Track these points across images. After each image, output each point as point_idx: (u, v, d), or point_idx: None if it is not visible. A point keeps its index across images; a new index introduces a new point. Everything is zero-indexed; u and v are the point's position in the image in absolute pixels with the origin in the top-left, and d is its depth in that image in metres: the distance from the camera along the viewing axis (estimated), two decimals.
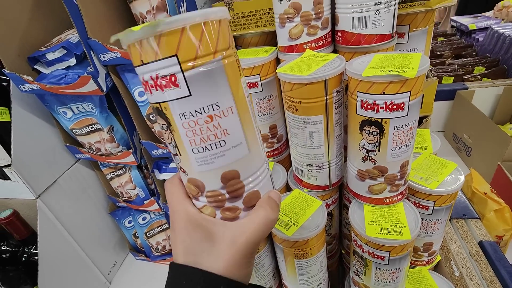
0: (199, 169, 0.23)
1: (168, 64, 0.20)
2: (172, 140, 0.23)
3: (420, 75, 0.31)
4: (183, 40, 0.19)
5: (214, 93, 0.21)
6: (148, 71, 0.21)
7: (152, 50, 0.20)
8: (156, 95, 0.21)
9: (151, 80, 0.21)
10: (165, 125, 0.22)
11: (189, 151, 0.22)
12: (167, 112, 0.21)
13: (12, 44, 0.53)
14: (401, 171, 0.38)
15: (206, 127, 0.22)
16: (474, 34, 1.24)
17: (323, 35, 0.42)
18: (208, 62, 0.21)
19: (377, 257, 0.39)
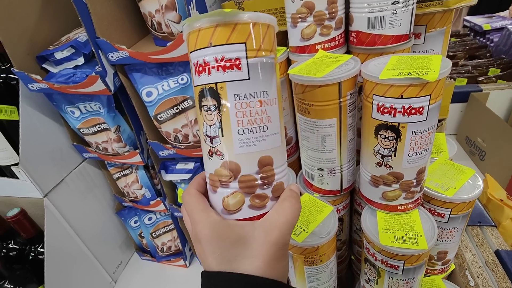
0: (239, 151, 0.24)
1: (236, 49, 0.23)
2: (217, 121, 0.24)
3: (441, 78, 0.30)
4: (253, 32, 0.23)
5: (266, 82, 0.25)
6: (213, 53, 0.23)
7: (226, 34, 0.23)
8: (215, 75, 0.23)
9: (214, 61, 0.23)
10: (214, 105, 0.24)
11: (234, 131, 0.24)
12: (222, 92, 0.24)
13: (22, 43, 0.52)
14: (418, 178, 0.36)
15: (255, 110, 0.24)
16: (489, 35, 1.20)
17: (337, 36, 0.41)
18: (266, 56, 0.24)
19: (391, 266, 0.38)
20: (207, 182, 0.27)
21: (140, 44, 0.55)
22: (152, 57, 0.47)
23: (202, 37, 0.23)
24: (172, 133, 0.55)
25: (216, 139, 0.25)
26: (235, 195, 0.25)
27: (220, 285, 0.22)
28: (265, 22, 0.24)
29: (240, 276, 0.22)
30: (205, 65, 0.24)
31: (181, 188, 0.67)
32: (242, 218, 0.25)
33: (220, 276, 0.22)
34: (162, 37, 0.51)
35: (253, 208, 0.25)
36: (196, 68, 0.24)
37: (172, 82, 0.51)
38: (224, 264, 0.23)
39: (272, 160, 0.25)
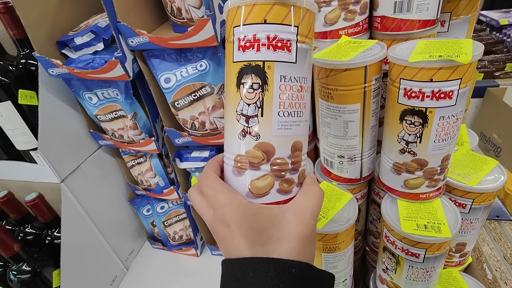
0: (277, 133, 0.24)
1: (289, 30, 0.23)
2: (258, 100, 0.24)
3: (474, 61, 0.29)
4: (305, 18, 0.24)
5: (308, 69, 0.26)
6: (266, 30, 0.23)
7: (282, 14, 0.23)
8: (265, 53, 0.23)
9: (266, 38, 0.23)
10: (257, 84, 0.24)
11: (274, 113, 0.24)
12: (269, 71, 0.23)
13: (42, 28, 0.53)
14: (442, 165, 0.36)
15: (296, 95, 0.25)
16: (505, 30, 1.18)
17: (361, 21, 0.40)
18: (310, 44, 0.25)
19: (412, 254, 0.37)
20: (230, 164, 0.26)
21: (158, 31, 0.55)
22: (172, 42, 0.47)
23: (256, 13, 0.23)
24: (189, 120, 0.56)
25: (253, 118, 0.24)
26: (265, 178, 0.25)
27: (254, 271, 0.21)
28: (314, 11, 0.25)
29: (273, 261, 0.22)
30: (254, 41, 0.23)
31: (195, 176, 0.67)
32: (269, 202, 0.25)
33: (253, 262, 0.22)
34: (181, 23, 0.51)
35: (280, 193, 0.25)
36: (241, 43, 0.24)
37: (191, 69, 0.51)
38: (257, 247, 0.22)
39: (301, 146, 0.26)
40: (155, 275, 0.79)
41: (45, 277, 0.61)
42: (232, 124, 0.25)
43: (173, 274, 0.79)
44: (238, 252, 0.22)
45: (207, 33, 0.44)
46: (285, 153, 0.25)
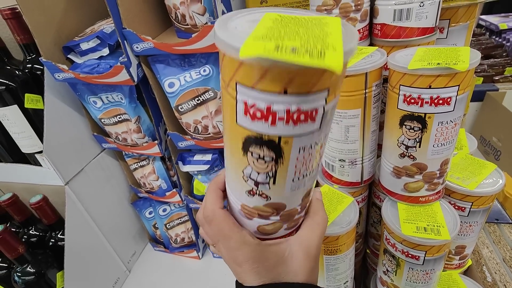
0: (288, 194, 0.23)
1: (318, 98, 0.17)
2: (271, 171, 0.21)
3: (471, 68, 0.30)
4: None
5: (330, 124, 0.21)
6: (286, 103, 0.17)
7: (311, 80, 0.16)
8: (282, 128, 0.18)
9: (284, 112, 0.17)
10: (270, 157, 0.20)
11: (288, 180, 0.22)
12: (286, 145, 0.19)
13: (49, 33, 0.54)
14: (441, 169, 0.37)
15: (314, 156, 0.21)
16: (505, 34, 1.19)
17: (361, 28, 0.41)
18: (337, 97, 0.19)
19: (412, 256, 0.38)
20: (236, 205, 0.25)
21: (162, 37, 0.56)
22: (176, 48, 0.48)
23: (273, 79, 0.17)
24: (192, 124, 0.56)
25: (264, 185, 0.22)
26: (274, 224, 0.25)
27: None
28: None
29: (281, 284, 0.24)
30: (268, 113, 0.18)
31: (198, 180, 0.68)
32: (276, 237, 0.26)
33: None
34: (185, 30, 0.52)
35: (288, 229, 0.26)
36: (249, 109, 0.18)
37: (194, 74, 0.52)
38: (267, 281, 0.24)
39: (311, 190, 0.25)
40: (157, 277, 0.80)
41: (49, 279, 0.62)
42: (238, 180, 0.23)
43: (175, 276, 0.79)
44: (250, 283, 0.25)
45: (211, 39, 0.45)
46: (296, 204, 0.24)
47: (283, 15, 0.19)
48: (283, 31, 0.16)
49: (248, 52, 0.14)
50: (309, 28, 0.17)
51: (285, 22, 0.18)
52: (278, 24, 0.17)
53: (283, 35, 0.16)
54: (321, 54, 0.14)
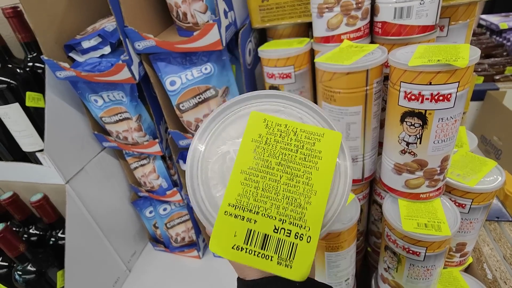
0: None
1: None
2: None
3: (471, 65, 0.30)
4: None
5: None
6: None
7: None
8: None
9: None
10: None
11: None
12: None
13: (50, 32, 0.54)
14: (442, 166, 0.37)
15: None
16: (505, 34, 1.19)
17: (362, 26, 0.41)
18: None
19: (413, 252, 0.38)
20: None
21: (163, 35, 0.56)
22: (178, 46, 0.48)
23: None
24: (193, 122, 0.57)
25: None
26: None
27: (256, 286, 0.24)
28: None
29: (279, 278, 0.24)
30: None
31: None
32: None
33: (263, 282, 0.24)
34: (187, 28, 0.52)
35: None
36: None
37: (196, 72, 0.52)
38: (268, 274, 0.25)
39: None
40: (157, 277, 0.79)
41: (50, 278, 0.62)
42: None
43: (175, 276, 0.79)
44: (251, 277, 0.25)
45: (213, 38, 0.46)
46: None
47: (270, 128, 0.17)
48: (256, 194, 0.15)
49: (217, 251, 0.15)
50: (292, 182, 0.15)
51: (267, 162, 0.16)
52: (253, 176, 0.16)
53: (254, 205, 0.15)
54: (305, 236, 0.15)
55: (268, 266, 0.14)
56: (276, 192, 0.15)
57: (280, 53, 0.45)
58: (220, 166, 0.17)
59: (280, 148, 0.16)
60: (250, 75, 0.56)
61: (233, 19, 0.50)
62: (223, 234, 0.15)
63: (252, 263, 0.14)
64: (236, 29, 0.52)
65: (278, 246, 0.14)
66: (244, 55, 0.52)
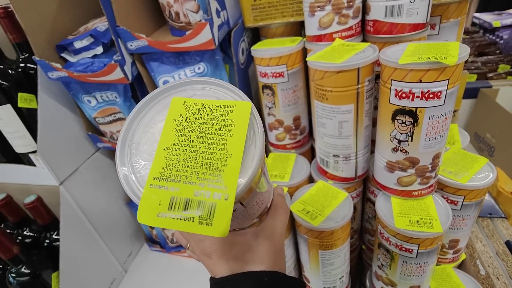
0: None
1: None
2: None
3: (460, 62, 0.30)
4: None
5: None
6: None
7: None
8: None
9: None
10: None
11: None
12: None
13: (42, 32, 0.54)
14: (433, 163, 0.37)
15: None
16: (498, 32, 1.20)
17: (354, 24, 0.41)
18: (255, 188, 0.22)
19: (405, 250, 0.38)
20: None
21: (156, 35, 0.56)
22: (170, 45, 0.48)
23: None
24: None
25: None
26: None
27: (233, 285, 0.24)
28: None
29: (248, 274, 0.25)
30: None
31: None
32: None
33: (232, 279, 0.25)
34: (179, 27, 0.52)
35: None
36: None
37: (189, 71, 0.52)
38: (236, 270, 0.25)
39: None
40: (153, 277, 0.79)
41: (44, 280, 0.62)
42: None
43: (171, 276, 0.79)
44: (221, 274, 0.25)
45: (205, 37, 0.46)
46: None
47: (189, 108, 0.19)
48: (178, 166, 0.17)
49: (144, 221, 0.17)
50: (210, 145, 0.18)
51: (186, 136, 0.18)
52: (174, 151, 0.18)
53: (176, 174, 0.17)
54: None
55: (191, 227, 0.16)
56: (196, 161, 0.17)
57: (273, 52, 0.45)
58: (147, 147, 0.19)
59: (198, 123, 0.19)
60: (243, 74, 0.56)
61: (226, 19, 0.50)
62: (149, 205, 0.17)
63: (177, 227, 0.16)
64: (229, 28, 0.52)
65: (199, 207, 0.16)
66: (237, 55, 0.52)
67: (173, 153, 0.18)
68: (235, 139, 0.18)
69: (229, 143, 0.18)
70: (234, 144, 0.17)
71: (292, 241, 0.48)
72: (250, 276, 0.24)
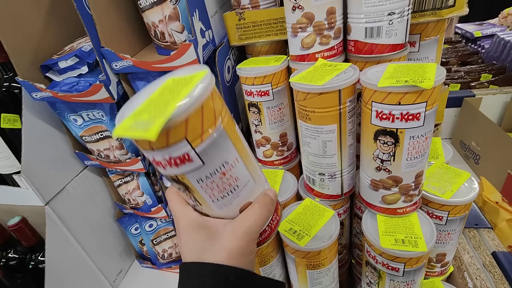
0: (219, 212, 0.26)
1: (180, 147, 0.21)
2: (191, 197, 0.25)
3: (436, 85, 0.31)
4: (189, 126, 0.21)
5: (222, 154, 0.23)
6: (160, 155, 0.22)
7: (162, 140, 0.21)
8: (171, 170, 0.23)
9: (164, 160, 0.22)
10: (182, 188, 0.24)
11: (209, 202, 0.25)
12: (184, 180, 0.23)
13: (26, 53, 0.53)
14: (416, 181, 0.38)
15: (221, 182, 0.24)
16: (480, 41, 1.24)
17: (335, 45, 0.42)
18: (213, 132, 0.22)
19: (392, 268, 0.39)
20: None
21: (143, 53, 0.56)
22: (155, 65, 0.48)
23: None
24: None
25: (197, 206, 0.26)
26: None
27: (189, 275, 0.25)
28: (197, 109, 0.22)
29: (207, 265, 0.25)
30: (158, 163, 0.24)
31: None
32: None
33: (190, 265, 0.25)
34: (165, 47, 0.52)
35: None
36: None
37: None
38: (192, 256, 0.26)
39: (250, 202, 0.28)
40: None
41: None
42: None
43: None
44: (183, 259, 0.26)
45: (190, 57, 0.46)
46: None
47: None
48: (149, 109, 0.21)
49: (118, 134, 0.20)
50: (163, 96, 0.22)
51: None
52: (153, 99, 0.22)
53: None
54: None
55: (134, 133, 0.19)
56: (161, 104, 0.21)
57: (257, 71, 0.45)
58: None
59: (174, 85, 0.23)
60: (230, 92, 0.56)
61: (211, 38, 0.51)
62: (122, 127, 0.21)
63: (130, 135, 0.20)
64: (215, 46, 0.52)
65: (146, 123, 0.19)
66: (222, 74, 0.52)
67: (151, 101, 0.22)
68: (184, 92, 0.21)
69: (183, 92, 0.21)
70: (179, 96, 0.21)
71: (281, 260, 0.48)
72: (213, 269, 0.24)
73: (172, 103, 0.20)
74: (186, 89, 0.21)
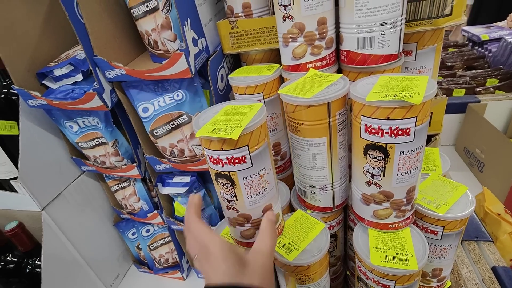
0: (249, 208, 0.35)
1: (242, 150, 0.32)
2: (232, 193, 0.34)
3: (426, 100, 0.30)
4: (252, 137, 0.31)
5: (264, 161, 0.34)
6: (225, 155, 0.31)
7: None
8: (229, 167, 0.32)
9: (227, 159, 0.32)
10: (228, 183, 0.33)
11: (245, 198, 0.34)
12: (234, 176, 0.33)
13: (22, 60, 0.54)
14: (408, 197, 0.36)
15: (258, 182, 0.34)
16: (487, 45, 1.21)
17: (327, 55, 0.41)
18: (262, 145, 0.33)
19: (383, 285, 0.37)
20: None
21: (138, 61, 0.56)
22: (148, 74, 0.48)
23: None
24: (168, 148, 0.56)
25: (232, 202, 0.35)
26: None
27: None
28: (258, 127, 0.32)
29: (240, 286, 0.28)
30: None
31: (178, 202, 0.67)
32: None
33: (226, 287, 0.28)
34: (159, 55, 0.52)
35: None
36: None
37: (168, 98, 0.52)
38: (227, 278, 0.28)
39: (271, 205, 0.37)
40: None
41: None
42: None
43: None
44: (213, 279, 0.28)
45: (181, 66, 0.46)
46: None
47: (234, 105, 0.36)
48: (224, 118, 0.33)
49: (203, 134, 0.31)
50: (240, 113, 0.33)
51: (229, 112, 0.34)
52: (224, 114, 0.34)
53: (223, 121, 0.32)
54: None
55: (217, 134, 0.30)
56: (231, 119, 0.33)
57: (249, 81, 0.45)
58: None
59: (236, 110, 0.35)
60: (223, 100, 0.56)
61: (204, 46, 0.50)
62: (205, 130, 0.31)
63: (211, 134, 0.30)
64: (208, 54, 0.52)
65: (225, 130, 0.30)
66: (214, 82, 0.52)
67: (219, 118, 0.33)
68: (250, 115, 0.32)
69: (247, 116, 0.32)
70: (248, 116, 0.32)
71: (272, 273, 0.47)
72: None
73: (244, 119, 0.31)
74: (251, 113, 0.32)
